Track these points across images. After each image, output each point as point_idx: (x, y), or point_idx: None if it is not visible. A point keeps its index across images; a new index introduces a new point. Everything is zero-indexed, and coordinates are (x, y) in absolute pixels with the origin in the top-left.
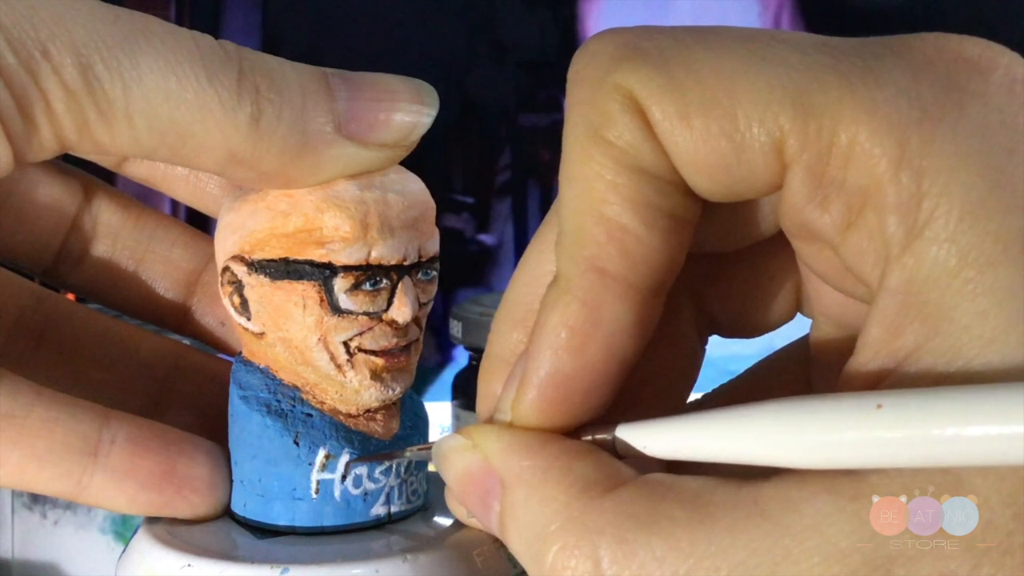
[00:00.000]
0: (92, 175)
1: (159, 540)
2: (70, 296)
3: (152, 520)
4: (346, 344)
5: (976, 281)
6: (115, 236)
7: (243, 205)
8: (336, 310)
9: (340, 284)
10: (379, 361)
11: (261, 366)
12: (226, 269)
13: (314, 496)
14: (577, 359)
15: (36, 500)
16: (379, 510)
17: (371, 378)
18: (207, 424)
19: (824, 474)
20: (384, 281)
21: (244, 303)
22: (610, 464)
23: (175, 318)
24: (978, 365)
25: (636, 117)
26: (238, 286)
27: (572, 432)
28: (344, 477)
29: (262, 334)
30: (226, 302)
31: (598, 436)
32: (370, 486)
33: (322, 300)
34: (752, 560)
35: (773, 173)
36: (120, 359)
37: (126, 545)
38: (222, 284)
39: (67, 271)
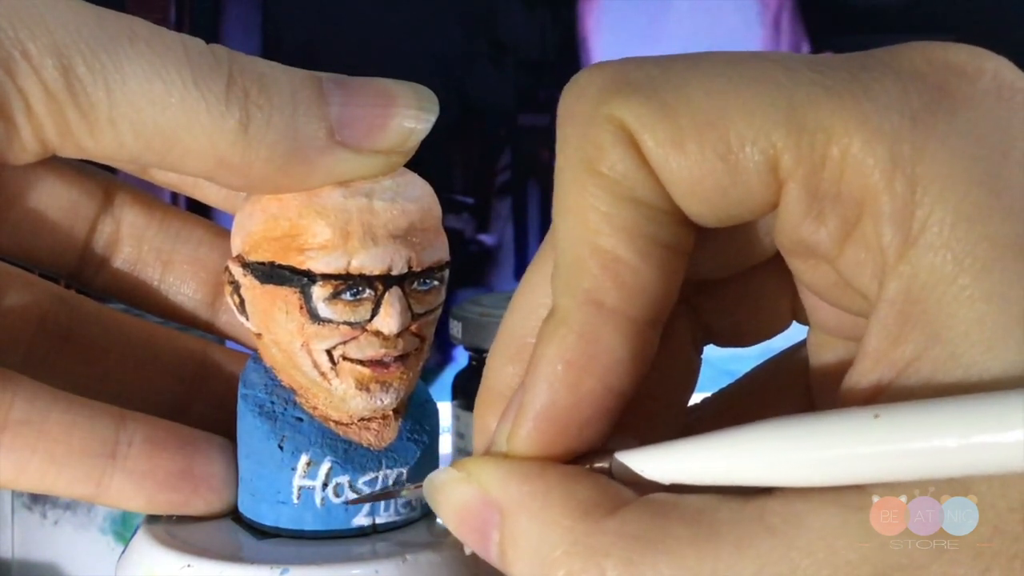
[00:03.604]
0: (114, 176)
1: (159, 540)
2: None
3: (152, 520)
4: (329, 353)
5: (972, 287)
6: (140, 237)
7: (246, 205)
8: (315, 318)
9: (318, 293)
10: (366, 371)
11: (266, 365)
12: (227, 268)
13: (295, 501)
14: (573, 392)
15: (36, 500)
16: (362, 520)
17: (356, 387)
18: (235, 422)
19: (828, 489)
20: (367, 291)
21: (242, 303)
22: (611, 486)
23: (203, 317)
24: (977, 372)
25: (628, 148)
26: (236, 286)
27: (569, 463)
28: (325, 485)
29: (259, 335)
30: (228, 301)
31: (596, 465)
32: (352, 496)
33: (301, 307)
34: (760, 575)
35: (769, 192)
36: (146, 359)
37: (126, 545)
38: (224, 283)
39: (92, 274)
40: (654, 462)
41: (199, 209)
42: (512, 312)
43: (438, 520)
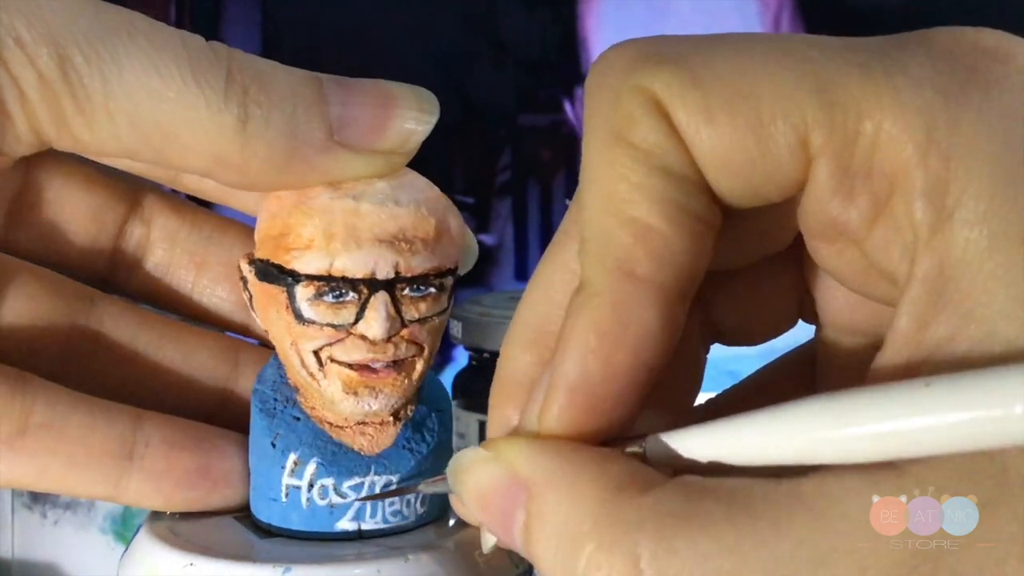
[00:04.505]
0: (142, 180)
1: (162, 539)
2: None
3: (155, 518)
4: (316, 354)
5: (1009, 264)
6: (172, 240)
7: (261, 203)
8: (300, 318)
9: (302, 293)
10: (352, 375)
11: (281, 361)
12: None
13: (284, 499)
14: (606, 365)
15: (36, 500)
16: (346, 525)
17: (344, 391)
18: None
19: (863, 468)
20: (350, 294)
21: (251, 299)
22: (644, 468)
23: (237, 320)
24: (1017, 350)
25: (659, 118)
26: (245, 282)
27: (601, 445)
28: (311, 485)
29: (267, 331)
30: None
31: (628, 450)
32: (336, 500)
33: (287, 307)
34: (798, 553)
35: (798, 167)
36: (180, 360)
37: (128, 544)
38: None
39: (124, 277)
40: (692, 443)
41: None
42: (527, 301)
43: (451, 521)
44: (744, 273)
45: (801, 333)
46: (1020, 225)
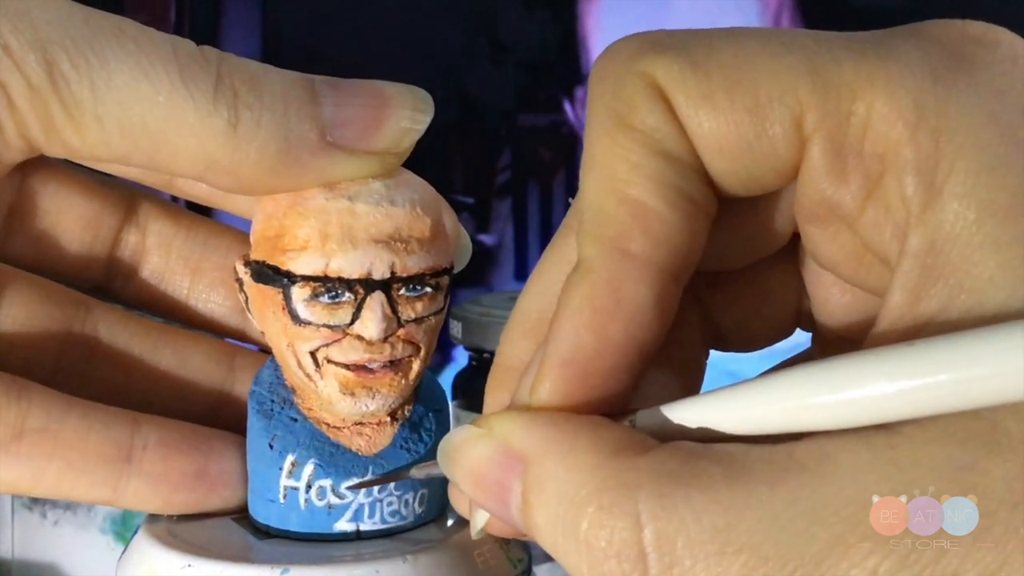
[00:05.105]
0: (137, 188)
1: (159, 540)
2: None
3: (153, 520)
4: (313, 354)
5: (998, 234)
6: (167, 247)
7: (256, 205)
8: (296, 319)
9: (298, 294)
10: (349, 375)
11: (277, 362)
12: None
13: (282, 501)
14: (599, 339)
15: (36, 500)
16: (345, 526)
17: (341, 391)
18: None
19: (856, 429)
20: (346, 294)
21: (247, 300)
22: (637, 433)
23: (233, 325)
24: (1005, 317)
25: (660, 103)
26: (240, 283)
27: None
28: (309, 487)
29: (263, 332)
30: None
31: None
32: (335, 500)
33: (283, 308)
34: (792, 510)
35: (793, 149)
36: (176, 365)
37: (126, 545)
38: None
39: (120, 285)
40: (682, 413)
41: (202, 212)
42: (527, 292)
43: (449, 522)
44: (743, 274)
45: (804, 340)
46: (1006, 197)
